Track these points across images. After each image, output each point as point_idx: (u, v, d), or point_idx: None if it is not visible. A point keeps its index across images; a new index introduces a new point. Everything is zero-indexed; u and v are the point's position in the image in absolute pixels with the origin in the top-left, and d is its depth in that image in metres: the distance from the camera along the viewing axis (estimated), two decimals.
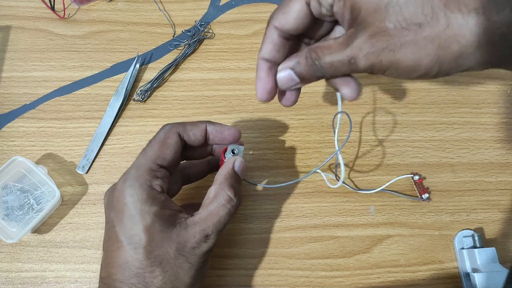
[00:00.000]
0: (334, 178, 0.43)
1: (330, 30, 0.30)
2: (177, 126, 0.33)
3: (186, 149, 0.35)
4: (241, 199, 0.33)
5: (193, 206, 0.36)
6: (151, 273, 0.29)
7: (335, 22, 0.29)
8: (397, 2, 0.23)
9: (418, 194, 0.43)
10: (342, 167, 0.33)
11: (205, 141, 0.35)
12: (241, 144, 0.35)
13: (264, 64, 0.29)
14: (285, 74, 0.29)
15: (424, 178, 0.44)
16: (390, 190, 0.43)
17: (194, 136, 0.33)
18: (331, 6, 0.26)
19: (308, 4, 0.27)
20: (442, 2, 0.22)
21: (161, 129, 0.33)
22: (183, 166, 0.38)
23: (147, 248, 0.29)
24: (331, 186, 0.41)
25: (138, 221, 0.29)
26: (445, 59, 0.23)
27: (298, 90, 0.31)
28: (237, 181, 0.33)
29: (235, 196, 0.32)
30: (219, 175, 0.33)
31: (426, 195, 0.42)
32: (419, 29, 0.23)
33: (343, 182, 0.43)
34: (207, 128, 0.34)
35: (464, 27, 0.22)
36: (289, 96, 0.31)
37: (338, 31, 0.30)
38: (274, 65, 0.29)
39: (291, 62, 0.29)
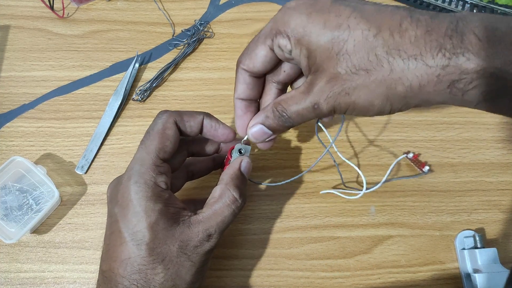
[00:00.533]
0: (343, 185, 0.43)
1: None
2: (174, 115, 0.32)
3: (190, 146, 0.35)
4: (245, 200, 0.33)
5: (195, 202, 0.37)
6: (153, 270, 0.29)
7: None
8: (346, 51, 0.26)
9: (418, 170, 0.43)
10: (364, 180, 0.35)
11: (200, 133, 0.34)
12: (248, 144, 0.35)
13: (241, 103, 0.32)
14: (256, 129, 0.31)
15: (419, 154, 0.44)
16: (392, 179, 0.43)
17: (190, 128, 0.33)
18: (290, 51, 0.29)
19: (272, 50, 0.29)
20: (384, 49, 0.25)
21: (157, 117, 0.32)
22: (188, 163, 0.38)
23: (150, 245, 0.29)
24: (350, 198, 0.42)
25: (143, 218, 0.29)
26: (394, 99, 0.26)
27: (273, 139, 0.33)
28: (243, 182, 0.33)
29: (240, 197, 0.31)
30: (225, 175, 0.33)
31: (427, 167, 0.43)
32: (367, 74, 0.26)
33: (344, 184, 0.43)
34: (204, 120, 0.33)
35: (405, 71, 0.25)
36: (264, 144, 0.33)
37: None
38: (250, 103, 0.32)
39: (260, 117, 0.31)
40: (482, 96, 0.25)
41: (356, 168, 0.38)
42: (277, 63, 0.31)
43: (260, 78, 0.32)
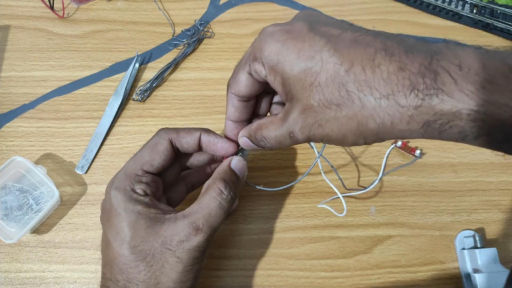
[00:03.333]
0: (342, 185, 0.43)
1: None
2: (170, 132, 0.33)
3: (182, 159, 0.35)
4: (235, 194, 0.32)
5: None
6: (136, 268, 0.29)
7: None
8: (318, 83, 0.26)
9: (411, 157, 0.44)
10: (345, 205, 0.36)
11: (199, 149, 0.34)
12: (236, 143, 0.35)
13: (231, 124, 0.33)
14: (244, 140, 0.32)
15: (408, 141, 0.44)
16: (389, 171, 0.44)
17: (187, 144, 0.33)
18: (266, 76, 0.28)
19: (251, 75, 0.29)
20: (356, 86, 0.24)
21: (155, 133, 0.34)
22: (185, 175, 0.38)
23: (131, 244, 0.29)
24: (338, 215, 0.42)
25: (123, 218, 0.30)
26: (367, 134, 0.26)
27: None
28: (231, 177, 0.33)
29: (225, 189, 0.31)
30: (215, 172, 0.33)
31: (418, 151, 0.44)
32: (339, 108, 0.25)
33: (345, 187, 0.43)
34: (201, 137, 0.34)
35: (377, 109, 0.24)
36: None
37: None
38: (240, 124, 0.33)
39: (246, 132, 0.32)
40: (460, 136, 0.24)
41: (338, 175, 0.38)
42: (261, 87, 0.31)
43: (249, 101, 0.32)
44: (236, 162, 0.33)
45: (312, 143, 0.35)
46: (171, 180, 0.35)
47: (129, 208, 0.30)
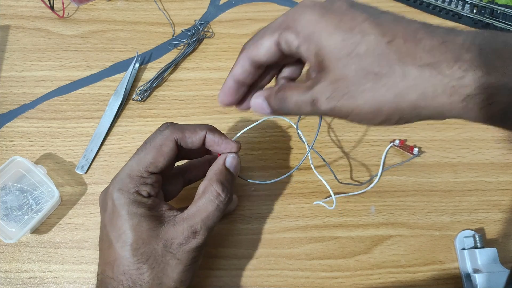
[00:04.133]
0: (334, 179, 0.43)
1: (300, 62, 0.31)
2: (176, 132, 0.33)
3: (181, 151, 0.35)
4: (231, 195, 0.33)
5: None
6: (138, 270, 0.30)
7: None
8: (357, 53, 0.25)
9: (409, 155, 0.44)
10: (333, 196, 0.33)
11: (203, 145, 0.34)
12: (238, 143, 0.35)
13: (232, 83, 0.31)
14: (258, 101, 0.30)
15: (406, 140, 0.44)
16: (386, 168, 0.44)
17: (192, 143, 0.33)
18: (297, 48, 0.27)
19: (277, 44, 0.28)
20: (397, 56, 0.24)
21: (159, 130, 0.33)
22: (183, 168, 0.38)
23: (133, 246, 0.30)
24: (329, 207, 0.42)
25: (126, 220, 0.30)
26: (404, 108, 0.25)
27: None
28: (227, 177, 0.33)
29: (223, 191, 0.32)
30: (210, 171, 0.33)
31: (416, 149, 0.44)
32: (378, 78, 0.24)
33: (338, 180, 0.43)
34: (206, 135, 0.34)
35: (418, 79, 0.24)
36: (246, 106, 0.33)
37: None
38: (239, 86, 0.31)
39: (265, 92, 0.30)
40: (501, 115, 0.23)
41: (330, 168, 0.38)
42: (279, 58, 0.30)
43: (259, 69, 0.31)
44: (231, 160, 0.34)
45: (302, 137, 0.34)
46: (168, 172, 0.35)
47: (132, 210, 0.30)
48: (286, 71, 0.32)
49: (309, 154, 0.32)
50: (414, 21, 0.26)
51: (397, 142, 0.44)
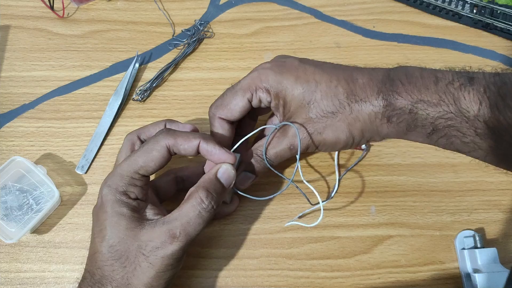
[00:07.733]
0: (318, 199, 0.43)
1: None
2: (167, 138, 0.32)
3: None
4: (216, 204, 0.32)
5: None
6: (110, 266, 0.31)
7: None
8: (315, 100, 0.34)
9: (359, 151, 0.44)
10: (321, 201, 0.39)
11: (197, 154, 0.34)
12: (238, 152, 0.35)
13: (218, 146, 0.34)
14: (241, 176, 0.36)
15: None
16: (344, 172, 0.43)
17: (185, 151, 0.33)
18: (269, 102, 0.36)
19: (249, 101, 0.36)
20: (344, 95, 0.33)
21: (154, 136, 0.33)
22: (177, 170, 0.39)
23: (109, 242, 0.31)
24: (306, 225, 0.41)
25: (107, 216, 0.31)
26: (355, 134, 0.34)
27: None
28: (216, 186, 0.32)
29: (206, 198, 0.31)
30: (201, 179, 0.33)
31: (364, 146, 0.43)
32: (334, 115, 0.33)
33: (310, 202, 0.43)
34: (200, 144, 0.33)
35: (360, 111, 0.33)
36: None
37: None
38: (227, 140, 0.37)
39: (243, 165, 0.36)
40: (406, 128, 0.32)
41: (301, 190, 0.39)
42: (249, 109, 0.36)
43: (234, 123, 0.38)
44: (224, 171, 0.33)
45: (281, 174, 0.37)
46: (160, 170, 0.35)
47: (115, 208, 0.31)
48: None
49: (298, 166, 0.35)
50: (347, 66, 0.35)
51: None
